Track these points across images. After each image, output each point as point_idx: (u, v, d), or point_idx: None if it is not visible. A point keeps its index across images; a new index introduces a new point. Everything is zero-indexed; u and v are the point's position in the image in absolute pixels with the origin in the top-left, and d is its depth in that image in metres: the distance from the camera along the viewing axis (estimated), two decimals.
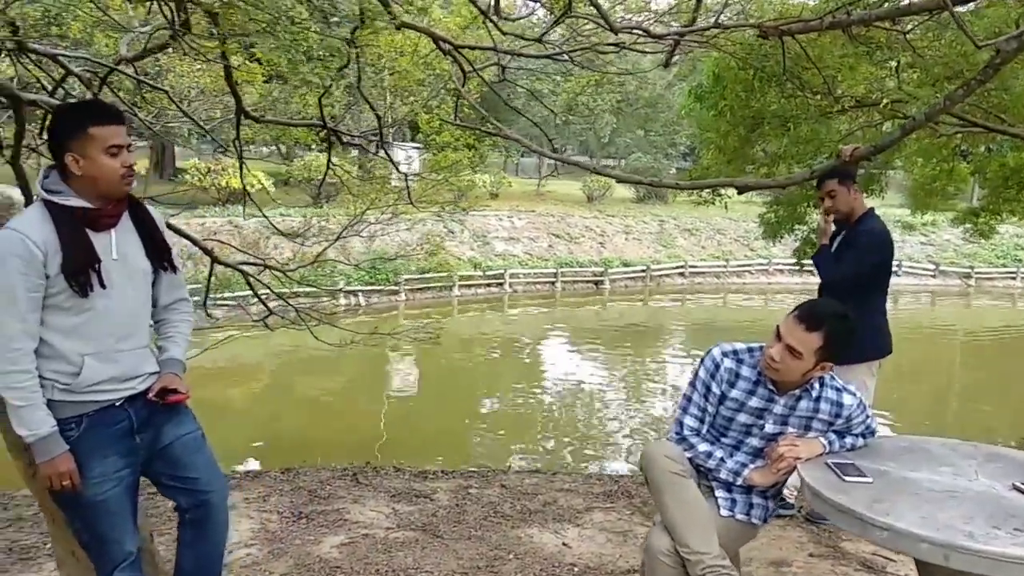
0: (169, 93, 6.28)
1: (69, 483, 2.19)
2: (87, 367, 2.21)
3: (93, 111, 2.26)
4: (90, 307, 2.21)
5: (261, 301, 6.82)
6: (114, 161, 2.20)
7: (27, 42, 4.96)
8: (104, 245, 2.25)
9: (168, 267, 2.43)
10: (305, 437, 10.06)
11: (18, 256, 2.09)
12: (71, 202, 2.20)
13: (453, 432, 10.71)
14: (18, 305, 2.11)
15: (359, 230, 7.90)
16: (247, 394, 13.16)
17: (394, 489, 4.48)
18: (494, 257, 24.22)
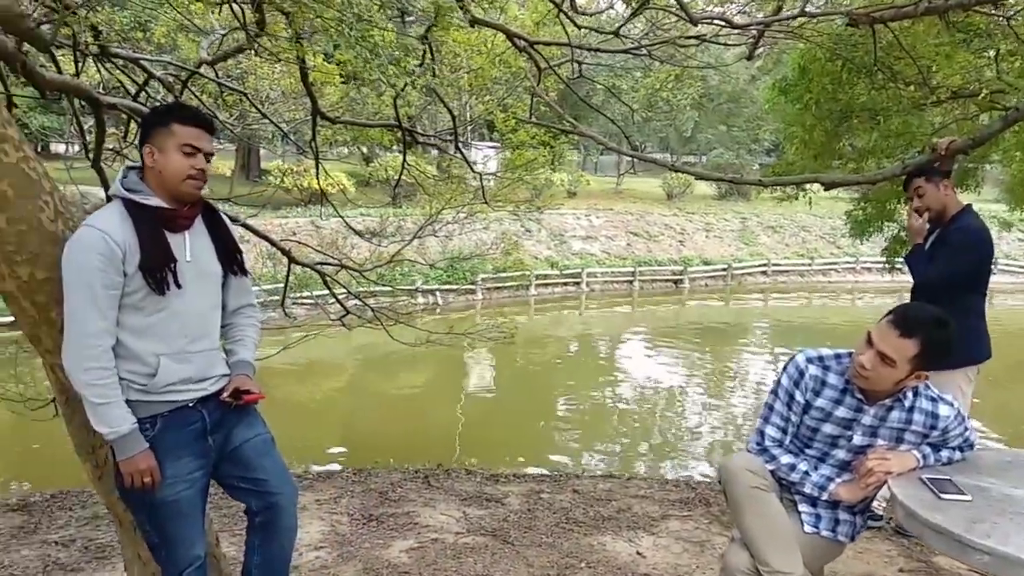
0: (248, 95, 6.40)
1: (149, 480, 2.19)
2: (163, 367, 2.22)
3: (182, 110, 2.31)
4: (164, 307, 2.22)
5: (338, 301, 6.86)
6: (185, 160, 2.22)
7: (110, 47, 5.10)
8: (179, 246, 2.26)
9: (238, 271, 2.44)
10: (382, 437, 10.15)
11: (99, 253, 2.11)
12: (150, 201, 2.22)
13: (529, 433, 10.63)
14: (99, 302, 2.12)
15: (435, 230, 7.89)
16: (327, 393, 13.37)
17: (465, 492, 4.42)
18: (571, 256, 24.06)
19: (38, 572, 3.34)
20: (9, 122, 2.21)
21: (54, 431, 2.36)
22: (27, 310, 2.28)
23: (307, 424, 10.85)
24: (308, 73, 5.24)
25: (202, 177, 2.26)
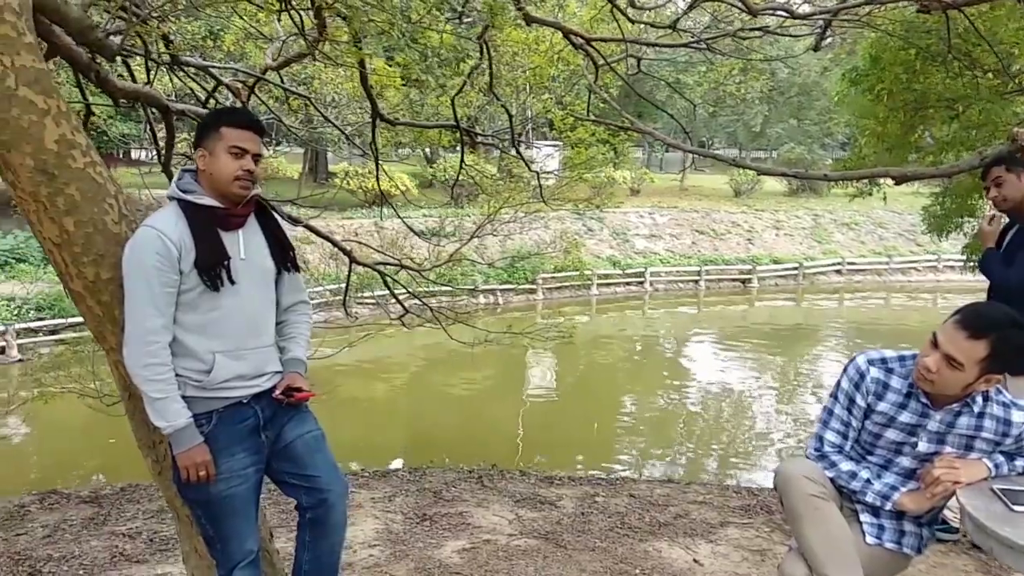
0: (311, 99, 6.51)
1: (204, 474, 2.24)
2: (218, 364, 2.27)
3: (230, 114, 2.39)
4: (219, 305, 2.27)
5: (397, 300, 6.95)
6: (233, 161, 2.27)
7: (181, 56, 5.25)
8: (232, 244, 2.31)
9: (291, 267, 2.48)
10: (443, 436, 10.22)
11: (156, 252, 2.18)
12: (203, 201, 2.28)
13: (589, 435, 10.56)
14: (156, 300, 2.19)
15: (494, 229, 7.91)
16: (391, 392, 13.54)
17: (519, 494, 4.40)
18: (634, 255, 23.80)
19: (105, 563, 3.45)
20: (78, 129, 2.28)
21: (127, 426, 2.43)
22: (93, 309, 2.36)
23: (370, 422, 11.00)
24: (367, 76, 5.31)
25: (250, 178, 2.30)
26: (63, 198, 2.23)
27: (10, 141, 2.15)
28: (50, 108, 2.19)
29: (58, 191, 2.22)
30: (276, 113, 6.92)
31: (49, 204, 2.23)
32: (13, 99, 2.12)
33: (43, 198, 2.22)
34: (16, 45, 2.14)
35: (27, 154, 2.17)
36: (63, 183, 2.22)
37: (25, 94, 2.14)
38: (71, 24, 2.56)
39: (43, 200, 2.22)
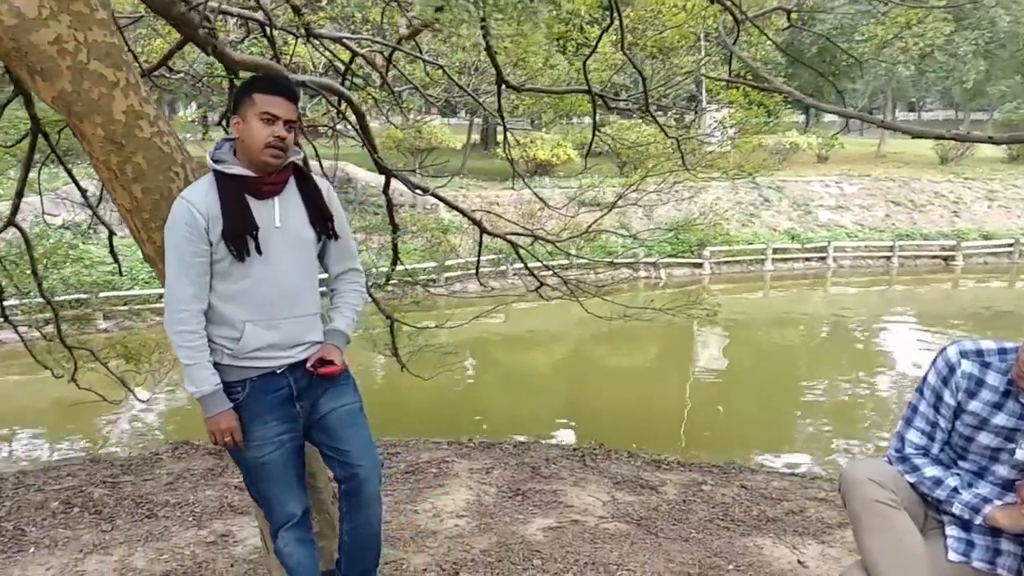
0: (445, 68, 6.54)
1: (231, 440, 2.32)
2: (247, 333, 2.31)
3: (263, 81, 2.38)
4: (250, 274, 2.30)
5: (530, 272, 6.88)
6: (264, 128, 2.26)
7: (313, 27, 5.43)
8: (267, 213, 2.33)
9: (332, 234, 2.45)
10: (601, 412, 10.09)
11: (184, 223, 2.25)
12: (233, 170, 2.31)
13: (756, 418, 10.05)
14: (187, 269, 2.26)
15: (661, 199, 7.67)
16: (549, 363, 13.56)
17: (620, 476, 4.26)
18: (816, 228, 22.15)
19: (214, 512, 3.70)
20: (146, 100, 2.40)
21: None
22: (163, 272, 2.49)
23: (525, 395, 11.08)
24: (491, 42, 5.25)
25: (281, 144, 2.28)
26: (131, 166, 2.36)
27: (82, 112, 2.28)
28: (119, 80, 2.31)
29: (126, 159, 2.35)
30: (415, 84, 7.01)
31: (119, 172, 2.36)
32: (84, 72, 2.25)
33: (114, 166, 2.35)
34: (89, 21, 2.26)
35: (97, 124, 2.30)
36: (131, 152, 2.34)
37: (96, 67, 2.26)
38: None
39: (114, 168, 2.36)
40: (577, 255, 8.01)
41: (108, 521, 3.64)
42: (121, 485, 4.11)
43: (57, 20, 2.20)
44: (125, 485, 4.11)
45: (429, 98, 7.18)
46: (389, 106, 8.62)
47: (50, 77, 2.22)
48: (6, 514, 3.66)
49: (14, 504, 3.78)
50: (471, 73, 9.33)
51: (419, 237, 14.83)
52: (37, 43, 2.18)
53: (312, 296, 2.44)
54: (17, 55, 2.19)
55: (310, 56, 6.48)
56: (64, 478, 4.33)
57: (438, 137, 21.47)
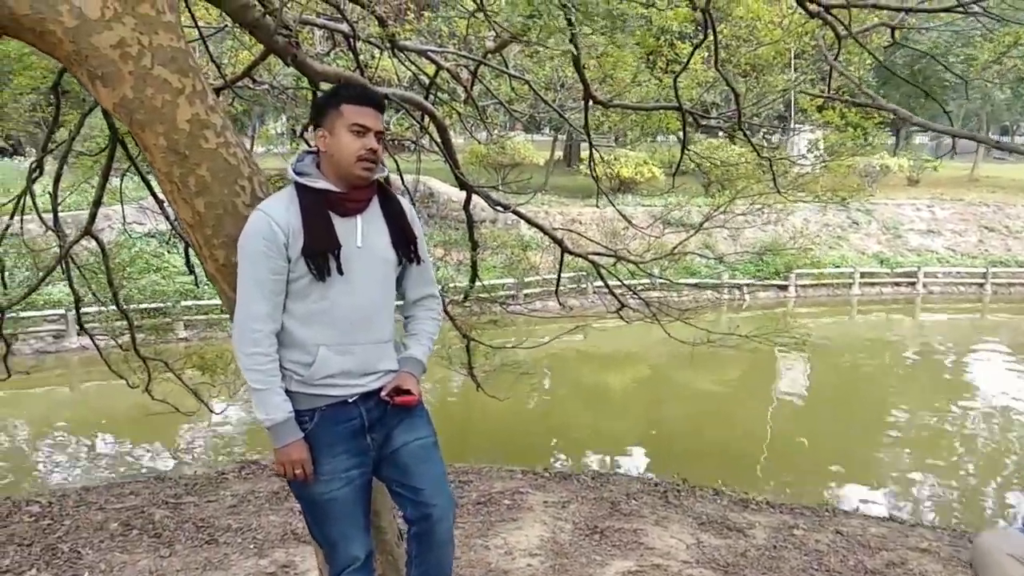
0: (531, 83, 6.37)
1: (301, 472, 2.14)
2: (320, 358, 2.14)
3: (350, 91, 2.22)
4: (328, 295, 2.14)
5: (612, 293, 6.64)
6: (355, 140, 2.12)
7: (398, 40, 5.32)
8: (349, 231, 2.16)
9: (414, 258, 2.29)
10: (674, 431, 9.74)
11: (263, 237, 2.08)
12: (317, 184, 2.15)
13: (844, 450, 9.51)
14: (263, 286, 2.10)
15: (747, 220, 7.38)
16: (629, 384, 13.22)
17: (705, 515, 3.95)
18: (906, 252, 21.32)
19: (276, 539, 3.55)
20: (213, 109, 2.25)
21: None
22: (225, 291, 2.34)
23: (604, 417, 10.78)
24: (579, 57, 5.05)
25: (374, 157, 2.14)
26: (194, 178, 2.21)
27: (144, 120, 2.14)
28: (184, 87, 2.17)
29: (189, 171, 2.20)
30: (500, 99, 6.87)
31: (181, 185, 2.22)
32: (148, 78, 2.11)
33: (176, 178, 2.21)
34: (155, 24, 2.13)
35: (160, 134, 2.16)
36: (194, 163, 2.20)
37: (160, 73, 2.12)
38: (226, 3, 2.55)
39: (176, 181, 2.21)
40: (660, 276, 7.71)
41: (167, 546, 3.53)
42: (183, 506, 4.02)
43: (121, 22, 2.07)
44: (187, 506, 4.02)
45: (514, 113, 7.04)
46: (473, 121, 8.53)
47: (111, 82, 2.09)
48: (64, 534, 3.60)
49: (73, 523, 3.73)
50: (557, 89, 9.17)
51: (499, 254, 14.71)
52: (98, 46, 2.05)
53: (388, 322, 2.27)
54: (77, 58, 2.06)
55: (394, 69, 6.39)
56: (127, 496, 4.28)
57: (521, 153, 21.39)
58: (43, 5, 2.01)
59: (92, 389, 10.87)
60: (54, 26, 2.03)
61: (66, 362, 11.81)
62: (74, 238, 4.76)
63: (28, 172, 5.08)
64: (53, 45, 2.08)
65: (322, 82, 4.09)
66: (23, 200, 5.25)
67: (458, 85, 6.16)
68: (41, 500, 4.18)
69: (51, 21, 2.03)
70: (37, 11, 2.01)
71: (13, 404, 10.80)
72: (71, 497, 4.34)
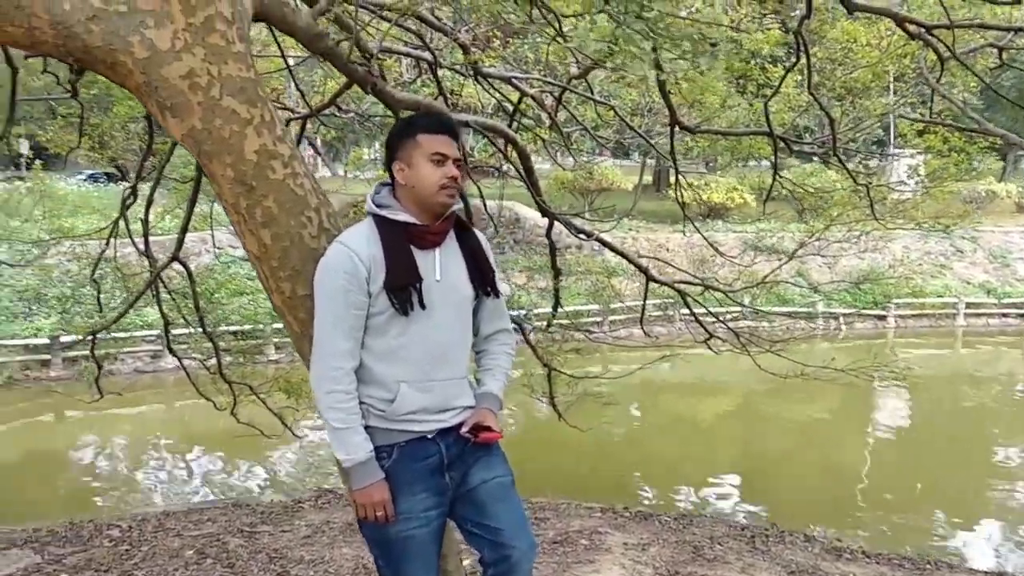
0: (615, 108, 6.26)
1: (382, 514, 2.06)
2: (401, 394, 2.08)
3: (425, 120, 2.20)
4: (408, 330, 2.08)
5: (699, 322, 6.43)
6: (436, 170, 2.08)
7: (481, 67, 5.29)
8: (428, 265, 2.11)
9: (491, 292, 2.23)
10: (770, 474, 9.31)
11: (344, 271, 2.04)
12: (398, 216, 2.10)
13: (945, 491, 8.92)
14: (343, 322, 2.05)
15: (844, 248, 7.10)
16: (716, 415, 12.82)
17: (795, 564, 3.69)
18: (1015, 282, 20.14)
19: (347, 572, 3.48)
20: (281, 139, 2.22)
21: None
22: (292, 324, 2.30)
23: (689, 450, 10.48)
24: (664, 83, 4.92)
25: (455, 185, 2.09)
26: (261, 210, 2.17)
27: (212, 151, 2.12)
28: (253, 118, 2.13)
29: (256, 203, 2.16)
30: (584, 125, 6.78)
31: (248, 216, 2.18)
32: (216, 109, 2.09)
33: (243, 209, 2.17)
34: (225, 54, 2.10)
35: (227, 164, 2.13)
36: (261, 195, 2.16)
37: (229, 104, 2.10)
38: (299, 33, 2.53)
39: (243, 211, 2.18)
40: (750, 306, 7.45)
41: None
42: (258, 535, 4.02)
43: (191, 53, 2.05)
44: (262, 535, 4.01)
45: (599, 139, 6.94)
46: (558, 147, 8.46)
47: (180, 113, 2.07)
48: (140, 560, 3.63)
49: (150, 550, 3.76)
50: (644, 114, 9.02)
51: (585, 279, 14.57)
52: (168, 77, 2.04)
53: (465, 357, 2.22)
54: (147, 89, 2.05)
55: (477, 95, 6.38)
56: (204, 523, 4.31)
57: (609, 178, 21.23)
58: (115, 37, 2.01)
59: (186, 409, 11.19)
60: (125, 57, 2.03)
61: (162, 382, 12.24)
62: (162, 263, 4.87)
63: (122, 199, 5.25)
64: (124, 76, 2.08)
65: (402, 110, 4.09)
66: (119, 225, 5.44)
67: (542, 111, 6.11)
68: (122, 524, 4.26)
69: (122, 52, 2.03)
70: (109, 43, 2.02)
71: (111, 422, 11.25)
72: (150, 522, 4.41)
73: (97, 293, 5.88)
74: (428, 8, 4.97)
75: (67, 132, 7.29)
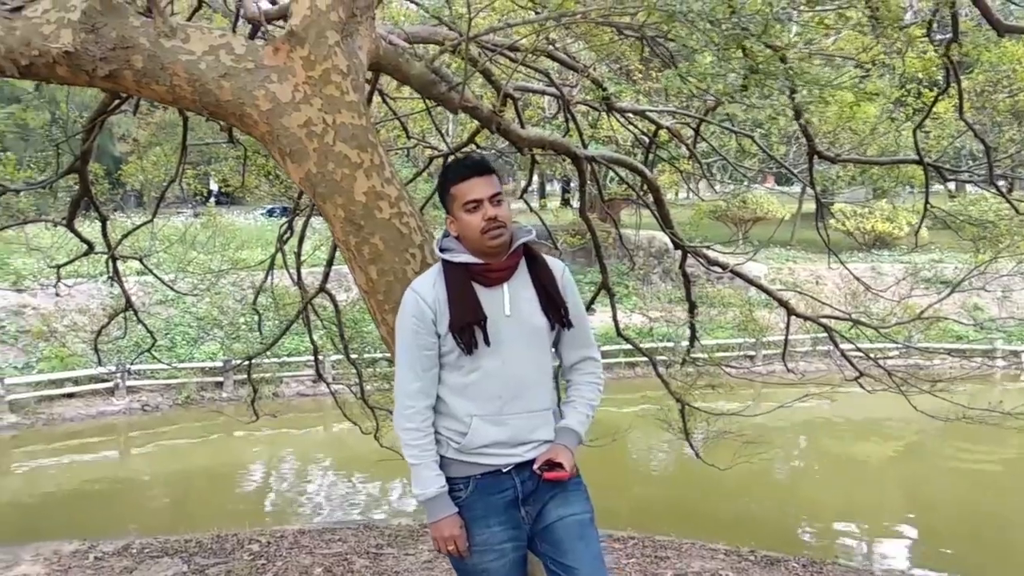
0: (755, 138, 6.11)
1: (454, 548, 2.12)
2: (474, 428, 2.13)
3: (453, 170, 2.23)
4: (479, 366, 2.13)
5: (848, 360, 6.10)
6: (473, 216, 2.11)
7: (615, 102, 5.34)
8: (496, 301, 2.15)
9: (566, 323, 2.23)
10: (928, 527, 8.61)
11: (412, 315, 2.13)
12: (459, 259, 2.15)
13: None
14: (415, 364, 2.14)
15: (986, 281, 6.58)
16: (867, 456, 11.99)
17: None
18: None
19: None
20: (389, 181, 2.35)
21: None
22: (395, 355, 2.41)
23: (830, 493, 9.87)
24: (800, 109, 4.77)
25: (497, 224, 2.10)
26: (368, 247, 2.31)
27: (325, 193, 2.29)
28: (363, 162, 2.29)
29: (364, 240, 2.31)
30: (723, 155, 6.65)
31: (357, 253, 2.33)
32: (330, 154, 2.26)
33: (352, 247, 2.33)
34: (339, 104, 2.28)
35: (339, 205, 2.29)
36: (369, 233, 2.30)
37: (341, 149, 2.26)
38: (413, 81, 2.68)
39: (352, 249, 2.33)
40: (906, 343, 6.99)
41: None
42: (383, 557, 4.17)
43: (309, 103, 2.24)
44: (387, 557, 4.16)
45: (740, 169, 6.79)
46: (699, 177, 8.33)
47: (298, 159, 2.25)
48: (273, 575, 3.86)
49: (284, 565, 3.99)
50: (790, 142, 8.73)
51: (729, 310, 14.12)
52: (288, 126, 2.22)
53: (545, 390, 2.21)
54: (271, 137, 2.25)
55: (611, 128, 6.41)
56: (335, 542, 4.52)
57: (764, 207, 20.52)
58: (243, 92, 2.23)
59: (342, 432, 11.76)
60: (251, 109, 2.24)
61: (321, 405, 12.93)
62: (311, 295, 5.18)
63: (279, 233, 5.65)
64: (251, 126, 2.29)
65: (526, 146, 4.19)
66: (275, 257, 5.86)
67: (680, 143, 6.04)
68: (261, 539, 4.56)
69: (249, 105, 2.24)
70: (238, 97, 2.23)
71: (273, 442, 12.05)
72: (287, 538, 4.69)
73: (258, 320, 6.32)
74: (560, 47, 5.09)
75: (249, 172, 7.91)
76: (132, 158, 13.82)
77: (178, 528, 5.38)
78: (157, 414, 13.33)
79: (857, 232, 18.78)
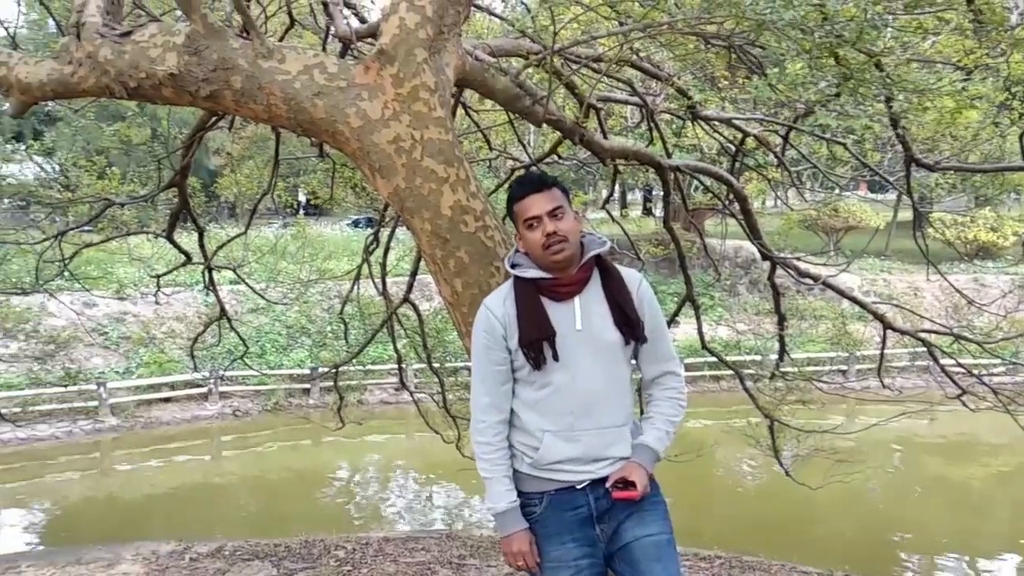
0: (846, 144, 5.92)
1: (523, 563, 2.11)
2: (545, 444, 2.11)
3: (514, 189, 2.23)
4: (550, 381, 2.11)
5: (948, 376, 5.84)
6: (534, 233, 2.11)
7: (700, 109, 5.26)
8: (567, 315, 2.12)
9: (640, 337, 2.17)
10: None
11: (484, 331, 2.14)
12: (528, 274, 2.15)
13: None
14: (487, 379, 2.15)
15: None
16: (976, 478, 11.42)
17: None
18: None
19: None
20: (474, 195, 2.37)
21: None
22: None
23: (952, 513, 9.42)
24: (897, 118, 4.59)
25: (558, 239, 2.08)
26: (454, 260, 2.33)
27: (413, 208, 2.32)
28: (449, 176, 2.31)
29: (450, 254, 2.33)
30: (814, 162, 6.46)
31: (443, 266, 2.36)
32: (417, 169, 2.29)
33: (438, 260, 2.36)
34: (427, 120, 2.31)
35: (426, 219, 2.32)
36: (454, 246, 2.32)
37: (428, 164, 2.30)
38: (498, 95, 2.69)
39: (438, 262, 2.36)
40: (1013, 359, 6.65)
41: None
42: (465, 568, 4.18)
43: (398, 120, 2.28)
44: (469, 569, 4.17)
45: (831, 177, 6.58)
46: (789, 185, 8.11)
47: (387, 174, 2.29)
48: None
49: (368, 572, 4.05)
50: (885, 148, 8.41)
51: (821, 323, 13.66)
52: (378, 142, 2.27)
53: (619, 405, 2.17)
54: (361, 154, 2.30)
55: (695, 136, 6.31)
56: (418, 551, 4.56)
57: (857, 216, 19.81)
58: (335, 110, 2.29)
59: (425, 440, 11.91)
60: (343, 127, 2.30)
61: (404, 413, 13.11)
62: (396, 304, 5.26)
63: (365, 244, 5.76)
64: (343, 143, 2.35)
65: (609, 157, 4.16)
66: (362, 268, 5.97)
67: (768, 151, 5.91)
68: (347, 546, 4.64)
69: (341, 123, 2.29)
70: (330, 115, 2.29)
71: (358, 449, 12.28)
72: (372, 546, 4.75)
73: (344, 329, 6.44)
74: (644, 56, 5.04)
75: (338, 184, 8.11)
76: (226, 171, 14.38)
77: (268, 531, 5.55)
78: (247, 419, 13.78)
79: (958, 242, 17.94)
